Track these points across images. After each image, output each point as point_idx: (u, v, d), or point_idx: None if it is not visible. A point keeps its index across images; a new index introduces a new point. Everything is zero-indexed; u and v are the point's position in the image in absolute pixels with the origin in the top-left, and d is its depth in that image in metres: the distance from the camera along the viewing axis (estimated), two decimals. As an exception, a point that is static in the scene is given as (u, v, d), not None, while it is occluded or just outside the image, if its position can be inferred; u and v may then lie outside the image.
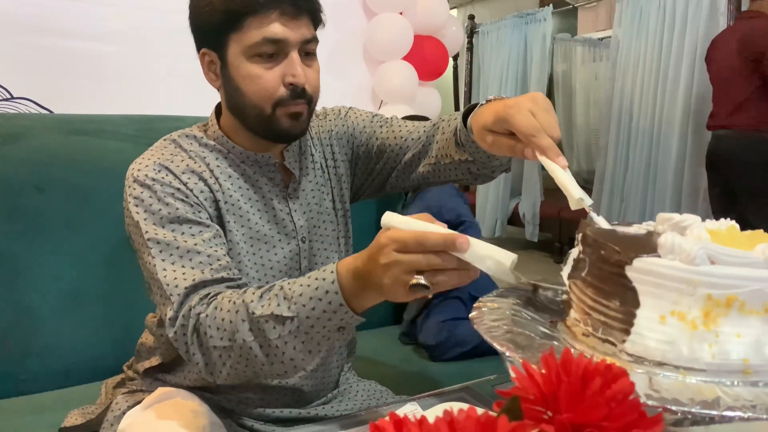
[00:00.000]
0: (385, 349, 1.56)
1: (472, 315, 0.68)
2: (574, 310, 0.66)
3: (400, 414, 0.39)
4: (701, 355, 0.54)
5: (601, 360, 0.42)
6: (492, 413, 0.38)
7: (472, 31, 5.13)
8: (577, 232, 0.68)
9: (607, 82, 4.15)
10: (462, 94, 5.19)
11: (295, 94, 0.91)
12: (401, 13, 2.73)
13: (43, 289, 1.30)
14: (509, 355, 0.58)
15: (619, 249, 0.58)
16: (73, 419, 1.07)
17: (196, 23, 0.93)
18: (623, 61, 3.87)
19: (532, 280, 0.75)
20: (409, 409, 0.77)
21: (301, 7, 0.90)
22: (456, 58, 5.09)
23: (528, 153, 0.76)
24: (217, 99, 1.00)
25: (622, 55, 3.88)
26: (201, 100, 1.23)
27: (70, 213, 1.33)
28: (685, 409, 0.49)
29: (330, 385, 1.09)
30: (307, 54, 0.93)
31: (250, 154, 0.97)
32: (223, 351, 0.79)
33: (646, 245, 0.59)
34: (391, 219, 0.68)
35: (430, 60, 2.84)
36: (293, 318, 0.74)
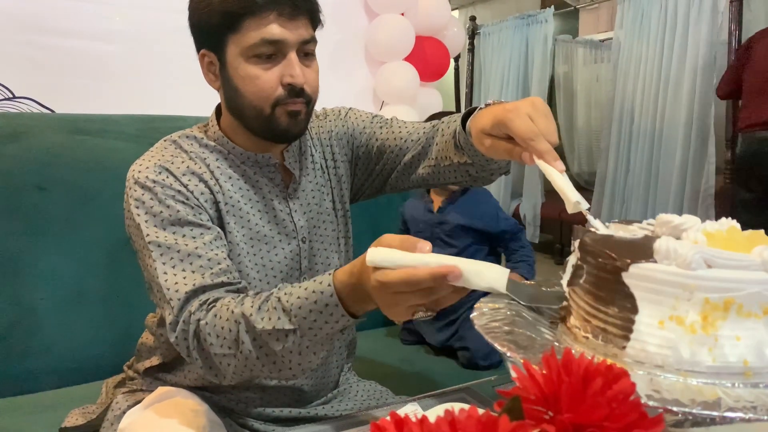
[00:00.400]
0: (385, 350, 1.56)
1: (473, 315, 0.68)
2: (573, 317, 0.66)
3: (400, 414, 0.39)
4: (701, 358, 0.54)
5: (602, 360, 0.42)
6: (493, 413, 0.37)
7: (473, 32, 5.13)
8: (573, 239, 0.68)
9: (608, 84, 4.15)
10: (463, 95, 5.18)
11: (293, 94, 0.91)
12: (403, 13, 2.72)
13: (44, 289, 1.30)
14: (510, 355, 0.58)
15: (615, 255, 0.58)
16: (74, 419, 1.07)
17: (195, 24, 0.93)
18: (624, 62, 3.87)
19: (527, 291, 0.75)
20: (410, 410, 0.77)
21: (300, 7, 0.90)
22: (457, 59, 5.08)
23: (525, 157, 0.76)
24: (218, 99, 1.00)
25: (624, 57, 3.88)
26: (202, 99, 1.23)
27: (72, 212, 1.33)
28: (686, 409, 0.49)
29: (330, 385, 1.09)
30: (306, 54, 0.93)
31: (250, 155, 0.97)
32: (224, 358, 0.80)
33: (643, 251, 0.59)
34: (376, 257, 0.65)
35: (431, 61, 2.84)
36: (295, 330, 0.75)
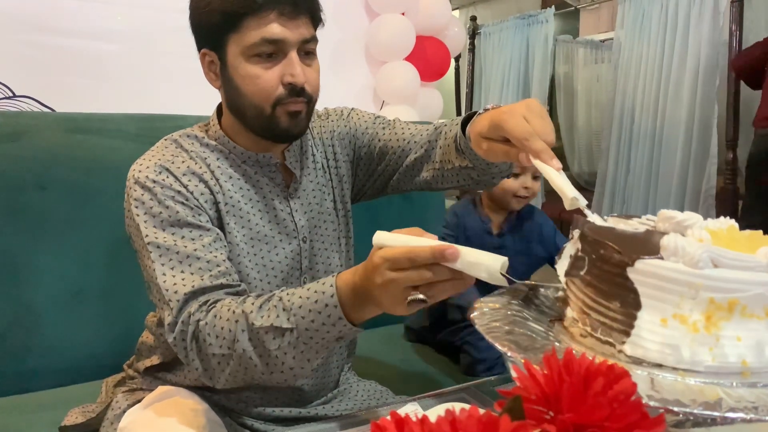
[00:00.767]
0: (385, 349, 1.56)
1: (473, 315, 0.68)
2: (571, 309, 0.65)
3: (401, 414, 0.39)
4: (701, 358, 0.54)
5: (603, 360, 0.42)
6: (494, 413, 0.37)
7: (474, 32, 5.12)
8: (572, 228, 0.68)
9: (608, 84, 4.14)
10: (464, 95, 5.18)
11: (294, 93, 0.91)
12: (403, 13, 2.72)
13: (44, 288, 1.30)
14: (511, 355, 0.58)
15: (620, 249, 0.58)
16: (74, 418, 1.07)
17: (196, 24, 0.93)
18: (625, 63, 3.86)
19: (525, 282, 0.76)
20: (410, 410, 0.76)
21: (300, 6, 0.90)
22: (458, 59, 5.08)
23: (522, 157, 0.76)
24: (219, 98, 1.00)
25: (624, 57, 3.87)
26: (203, 99, 1.23)
27: (72, 211, 1.33)
28: (687, 410, 0.49)
29: (330, 384, 1.09)
30: (307, 53, 0.93)
31: (251, 154, 0.97)
32: (222, 359, 0.79)
33: (648, 246, 0.58)
34: (381, 237, 0.69)
35: (432, 61, 2.83)
36: (293, 329, 0.75)
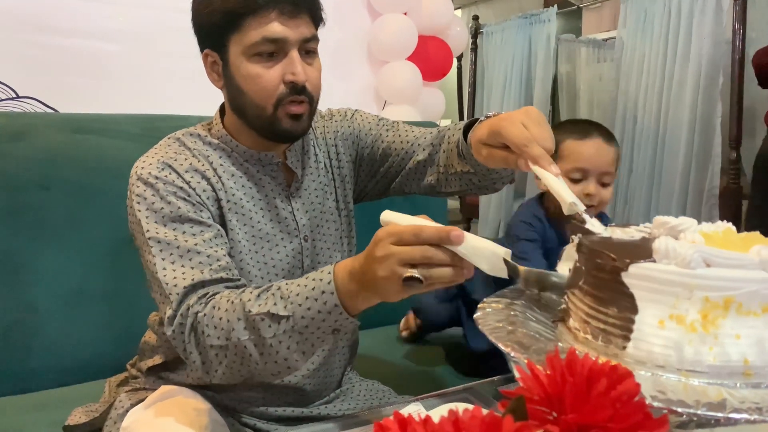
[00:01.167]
0: (387, 349, 1.56)
1: (477, 315, 0.68)
2: (573, 319, 0.66)
3: (403, 414, 0.38)
4: (702, 357, 0.54)
5: (607, 361, 0.42)
6: (497, 413, 0.37)
7: (476, 32, 5.11)
8: (569, 233, 0.69)
9: (611, 84, 4.13)
10: (466, 94, 5.17)
11: (295, 91, 0.91)
12: (405, 13, 2.72)
13: (47, 287, 1.30)
14: (514, 355, 0.58)
15: (614, 256, 0.59)
16: (77, 417, 1.07)
17: (198, 25, 0.94)
18: (628, 62, 3.85)
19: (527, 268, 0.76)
20: (413, 410, 0.76)
21: (300, 5, 0.90)
22: (460, 58, 5.07)
23: (521, 163, 0.77)
24: (222, 98, 1.00)
25: (627, 56, 3.86)
26: (205, 99, 1.23)
27: (74, 211, 1.33)
28: (690, 411, 0.49)
29: (332, 384, 1.09)
30: (308, 52, 0.93)
31: (253, 153, 0.97)
32: (219, 350, 0.79)
33: (642, 251, 0.59)
34: (389, 215, 0.71)
35: (434, 60, 2.83)
36: (288, 317, 0.75)
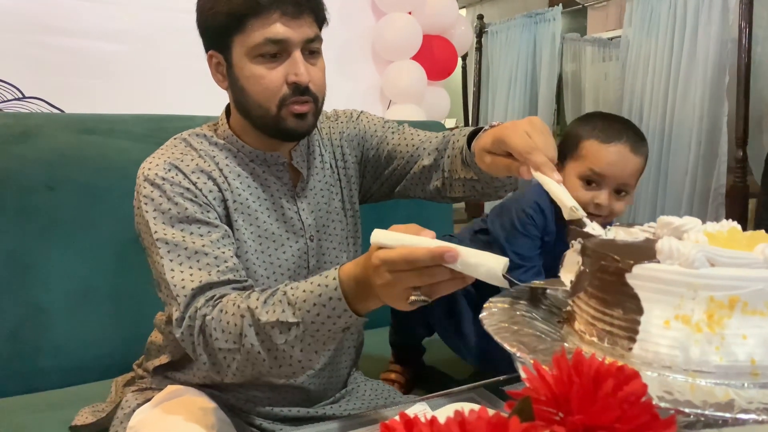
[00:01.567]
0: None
1: (482, 315, 0.68)
2: (578, 322, 0.66)
3: (409, 414, 0.38)
4: (709, 358, 0.54)
5: (613, 361, 0.42)
6: (503, 414, 0.37)
7: (481, 31, 5.10)
8: (569, 238, 0.69)
9: (616, 82, 4.11)
10: (471, 94, 5.16)
11: (298, 92, 0.91)
12: (410, 12, 2.71)
13: (54, 288, 1.31)
14: (520, 355, 0.58)
15: (618, 257, 0.59)
16: (84, 417, 1.08)
17: (202, 26, 0.94)
18: (633, 61, 3.83)
19: (525, 284, 0.76)
20: (418, 409, 0.76)
21: (303, 6, 0.90)
22: (465, 57, 5.05)
23: (523, 171, 0.77)
24: (228, 99, 1.00)
25: (632, 55, 3.84)
26: (211, 99, 1.23)
27: (81, 212, 1.34)
28: (698, 411, 0.48)
29: (338, 384, 1.09)
30: (311, 53, 0.94)
31: (259, 153, 0.98)
32: (228, 353, 0.80)
33: (645, 252, 0.59)
34: (379, 237, 0.69)
35: (438, 60, 2.83)
36: (298, 323, 0.76)
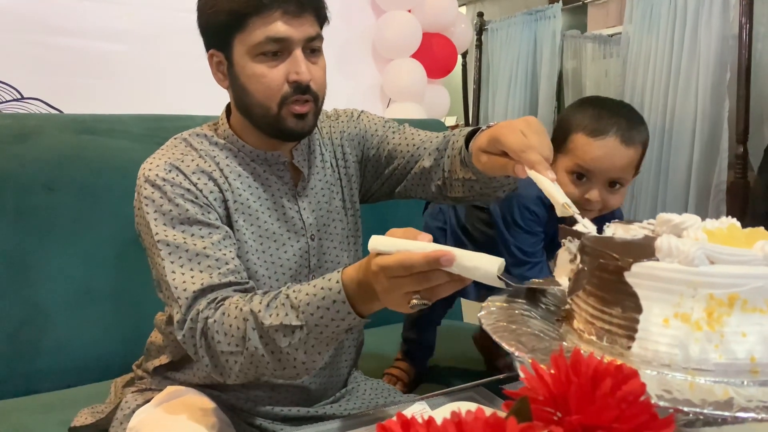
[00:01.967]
0: (393, 348, 1.55)
1: (481, 314, 0.68)
2: (577, 321, 0.65)
3: (408, 413, 0.38)
4: (709, 356, 0.54)
5: (611, 360, 0.41)
6: (501, 414, 0.37)
7: (481, 29, 5.09)
8: (560, 237, 0.70)
9: (617, 79, 4.11)
10: (471, 92, 5.15)
11: (299, 91, 0.91)
12: (410, 10, 2.71)
13: (53, 288, 1.30)
14: (518, 355, 0.58)
15: (617, 255, 0.58)
16: (83, 418, 1.08)
17: (203, 24, 0.94)
18: (634, 57, 3.83)
19: (521, 285, 0.76)
20: (418, 409, 0.76)
21: (304, 5, 0.90)
22: (465, 55, 5.05)
23: (518, 169, 0.77)
24: (227, 98, 1.00)
25: (633, 52, 3.84)
26: (211, 99, 1.23)
27: (80, 212, 1.34)
28: (697, 410, 0.48)
29: (338, 384, 1.09)
30: (313, 51, 0.93)
31: (259, 153, 0.98)
32: (231, 356, 0.80)
33: (644, 250, 0.59)
34: (376, 243, 0.69)
35: (438, 58, 2.82)
36: (302, 326, 0.76)
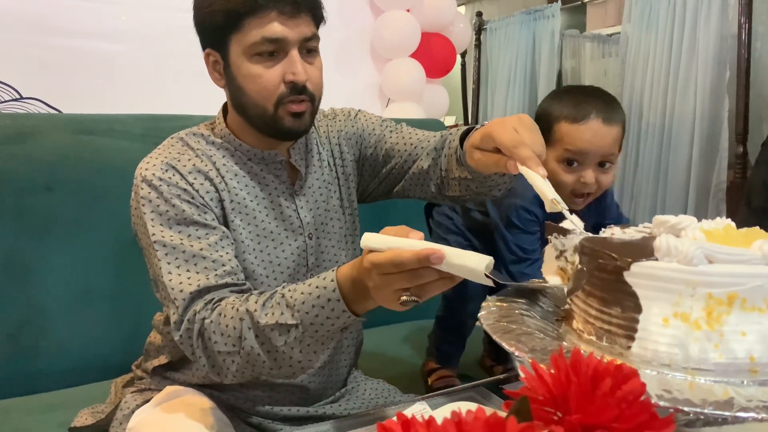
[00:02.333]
0: (393, 348, 1.56)
1: (481, 314, 0.68)
2: (576, 321, 0.65)
3: (408, 413, 0.38)
4: (708, 355, 0.54)
5: (611, 360, 0.41)
6: (501, 414, 0.37)
7: (479, 28, 5.09)
8: (546, 234, 0.70)
9: (616, 79, 4.11)
10: (470, 91, 5.15)
11: (295, 91, 0.91)
12: (408, 10, 2.71)
13: (52, 288, 1.30)
14: (518, 354, 0.58)
15: (616, 255, 0.59)
16: (83, 419, 1.08)
17: (199, 24, 0.94)
18: (633, 57, 3.83)
19: (509, 282, 0.76)
20: (418, 409, 0.76)
21: (300, 5, 0.90)
22: (464, 55, 5.05)
23: (510, 165, 0.78)
24: (224, 97, 1.00)
25: (632, 52, 3.84)
26: (209, 98, 1.23)
27: (79, 212, 1.34)
28: (697, 410, 0.48)
29: (338, 383, 1.09)
30: (309, 51, 0.93)
31: (256, 152, 0.97)
32: (228, 356, 0.80)
33: (643, 250, 0.59)
34: (368, 240, 0.70)
35: (437, 57, 2.82)
36: (297, 325, 0.76)
